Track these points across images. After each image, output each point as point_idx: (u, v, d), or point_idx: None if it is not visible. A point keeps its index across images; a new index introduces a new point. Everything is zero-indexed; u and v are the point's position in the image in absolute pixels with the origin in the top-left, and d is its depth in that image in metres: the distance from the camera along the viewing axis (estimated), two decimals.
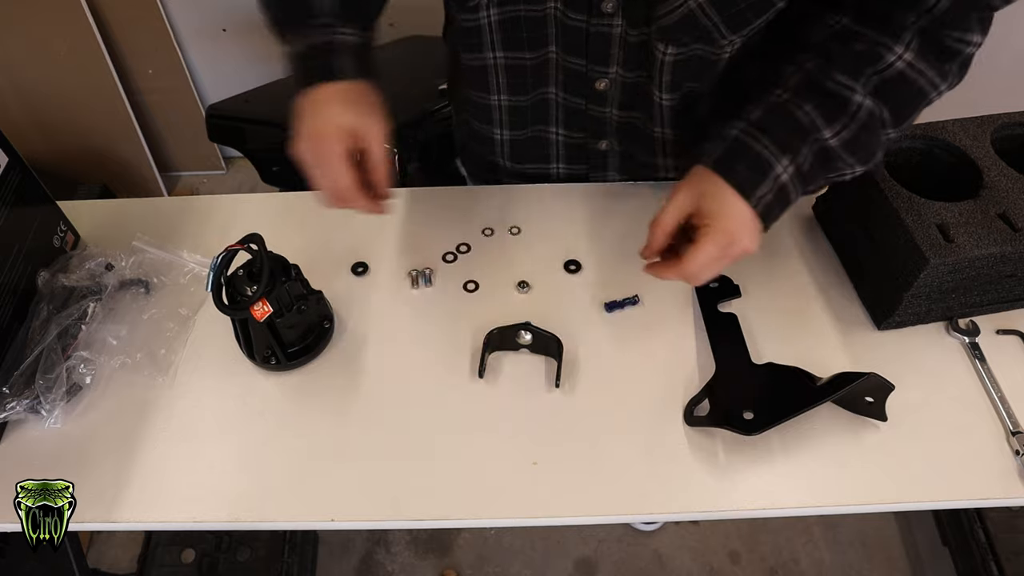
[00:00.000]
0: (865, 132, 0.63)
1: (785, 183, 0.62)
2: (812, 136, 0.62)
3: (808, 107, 0.62)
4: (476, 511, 0.61)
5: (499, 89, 0.78)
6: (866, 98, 0.62)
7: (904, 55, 0.61)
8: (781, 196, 0.62)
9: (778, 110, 0.63)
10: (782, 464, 0.63)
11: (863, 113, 0.62)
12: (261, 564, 1.26)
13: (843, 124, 0.62)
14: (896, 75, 0.61)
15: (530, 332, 0.70)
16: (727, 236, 0.59)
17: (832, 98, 0.62)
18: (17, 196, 0.71)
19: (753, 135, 0.62)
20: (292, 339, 0.70)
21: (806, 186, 0.64)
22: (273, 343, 0.68)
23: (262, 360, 0.70)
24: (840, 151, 0.63)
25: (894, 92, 0.62)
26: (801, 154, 0.62)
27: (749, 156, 0.62)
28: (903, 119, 0.64)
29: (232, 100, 1.55)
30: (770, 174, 0.61)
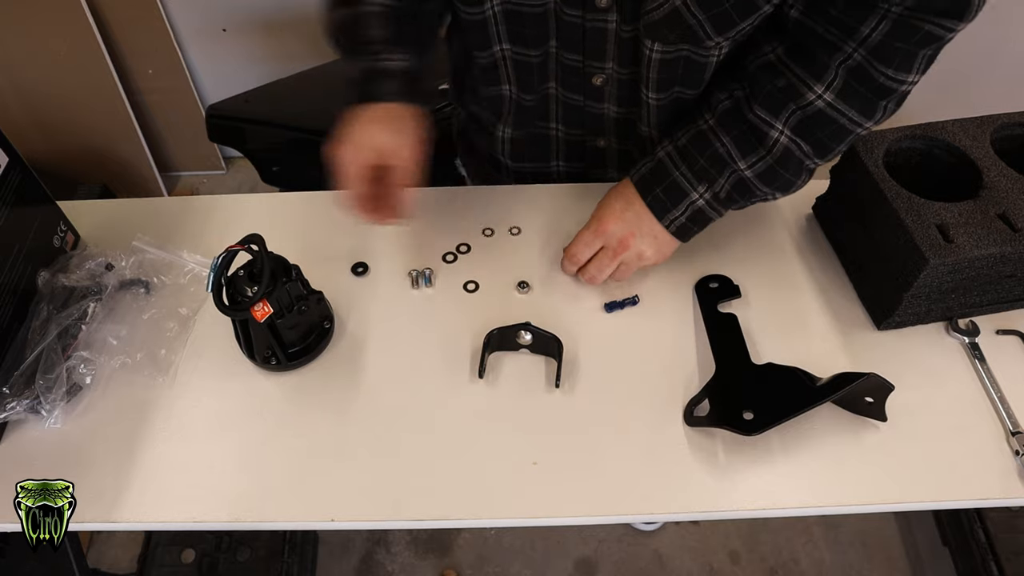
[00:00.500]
0: (781, 165, 0.67)
1: (700, 207, 0.70)
2: (729, 167, 0.68)
3: (727, 139, 0.68)
4: (476, 511, 0.61)
5: (510, 81, 0.78)
6: (783, 134, 0.66)
7: (824, 95, 0.63)
8: (697, 217, 0.70)
9: (700, 139, 0.69)
10: (782, 464, 0.63)
11: (778, 149, 0.66)
12: (261, 564, 1.26)
13: (759, 156, 0.67)
14: (816, 113, 0.64)
15: (530, 332, 0.70)
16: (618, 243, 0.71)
17: (752, 131, 0.67)
18: (17, 196, 0.71)
19: (675, 161, 0.70)
20: (292, 339, 0.69)
21: (727, 208, 0.71)
22: (273, 343, 0.68)
23: (262, 360, 0.70)
24: (755, 181, 0.68)
25: (814, 128, 0.65)
26: (718, 183, 0.68)
27: (667, 181, 0.70)
28: (826, 152, 0.67)
29: (232, 100, 1.55)
30: (684, 200, 0.70)
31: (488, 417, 0.67)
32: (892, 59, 0.59)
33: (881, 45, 0.59)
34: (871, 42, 0.59)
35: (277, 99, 1.57)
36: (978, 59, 2.05)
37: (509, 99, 0.80)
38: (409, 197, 0.69)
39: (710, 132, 0.69)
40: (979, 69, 2.07)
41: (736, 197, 0.69)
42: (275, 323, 0.66)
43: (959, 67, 2.09)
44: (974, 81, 2.10)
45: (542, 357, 0.72)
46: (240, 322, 0.68)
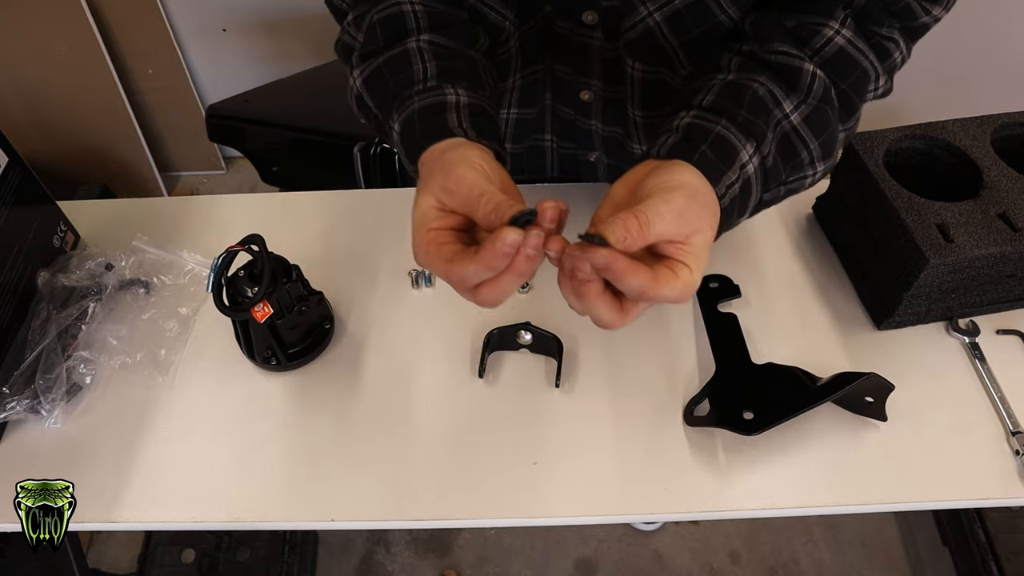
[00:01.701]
0: (824, 108, 0.55)
1: (750, 176, 0.52)
2: (774, 116, 0.53)
3: (762, 78, 0.54)
4: (476, 511, 0.61)
5: (510, 104, 0.78)
6: (816, 69, 0.55)
7: (842, 31, 0.55)
8: (744, 192, 0.52)
9: (731, 89, 0.54)
10: (782, 464, 0.63)
11: (818, 85, 0.54)
12: (261, 564, 1.26)
13: (800, 97, 0.55)
14: (838, 51, 0.55)
15: (530, 332, 0.70)
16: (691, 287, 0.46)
17: (782, 69, 0.55)
18: (17, 196, 0.71)
19: (709, 119, 0.52)
20: (293, 340, 0.69)
21: (767, 186, 0.55)
22: (273, 344, 0.68)
23: (262, 361, 0.70)
24: (803, 131, 0.55)
25: (840, 70, 0.56)
26: (766, 142, 0.53)
27: (710, 138, 0.50)
28: (850, 111, 0.58)
29: (232, 100, 1.55)
30: (736, 160, 0.50)
31: (488, 417, 0.67)
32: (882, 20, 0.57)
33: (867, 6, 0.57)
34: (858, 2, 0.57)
35: (277, 99, 1.57)
36: (978, 59, 2.05)
37: (506, 121, 0.80)
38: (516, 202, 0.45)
39: (742, 80, 0.54)
40: (979, 69, 2.07)
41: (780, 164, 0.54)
42: (275, 324, 0.66)
43: (959, 67, 2.09)
44: (974, 81, 2.10)
45: (542, 357, 0.72)
46: (240, 322, 0.68)
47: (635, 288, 0.43)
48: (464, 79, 0.57)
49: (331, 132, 1.42)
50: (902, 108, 2.17)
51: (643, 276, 0.43)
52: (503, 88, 0.75)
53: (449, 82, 0.56)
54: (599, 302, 0.44)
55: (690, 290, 0.45)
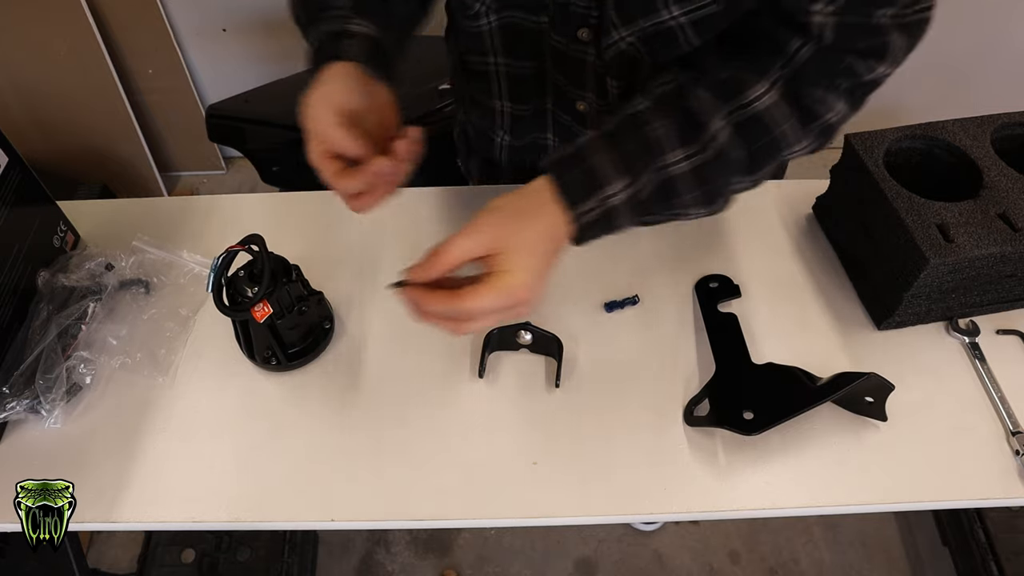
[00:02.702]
0: (713, 168, 0.58)
1: (614, 207, 0.56)
2: (658, 159, 0.57)
3: (664, 121, 0.58)
4: (476, 511, 0.61)
5: (501, 95, 0.79)
6: (723, 130, 0.57)
7: (766, 95, 0.57)
8: (606, 219, 0.57)
9: (632, 122, 0.58)
10: (782, 464, 0.63)
11: (715, 145, 0.57)
12: (261, 564, 1.26)
13: (694, 150, 0.57)
14: (753, 116, 0.58)
15: (530, 332, 0.70)
16: (513, 296, 0.52)
17: (690, 119, 0.58)
18: (17, 196, 0.71)
19: (596, 145, 0.57)
20: (293, 340, 0.69)
21: (640, 215, 0.58)
22: (273, 344, 0.68)
23: (262, 361, 0.70)
24: (686, 180, 0.58)
25: (753, 134, 0.58)
26: (641, 180, 0.56)
27: (584, 165, 0.56)
28: (757, 168, 0.60)
29: (232, 100, 1.55)
30: (600, 192, 0.56)
31: (488, 417, 0.67)
32: (819, 81, 0.57)
33: (807, 65, 0.57)
34: (799, 59, 0.57)
35: (277, 99, 1.57)
36: (978, 59, 2.05)
37: (500, 112, 0.81)
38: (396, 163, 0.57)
39: (643, 115, 0.58)
40: (979, 69, 2.07)
41: (656, 203, 0.59)
42: (275, 324, 0.66)
43: (959, 67, 2.09)
44: (974, 81, 2.11)
45: (542, 357, 0.72)
46: (240, 322, 0.68)
47: (440, 311, 0.52)
48: (375, 13, 0.63)
49: None
50: (902, 108, 2.17)
51: (440, 299, 0.52)
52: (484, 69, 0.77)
53: (359, 14, 0.62)
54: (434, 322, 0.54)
55: (516, 291, 0.52)
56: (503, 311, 0.53)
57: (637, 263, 0.80)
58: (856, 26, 0.54)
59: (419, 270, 0.53)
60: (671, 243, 0.81)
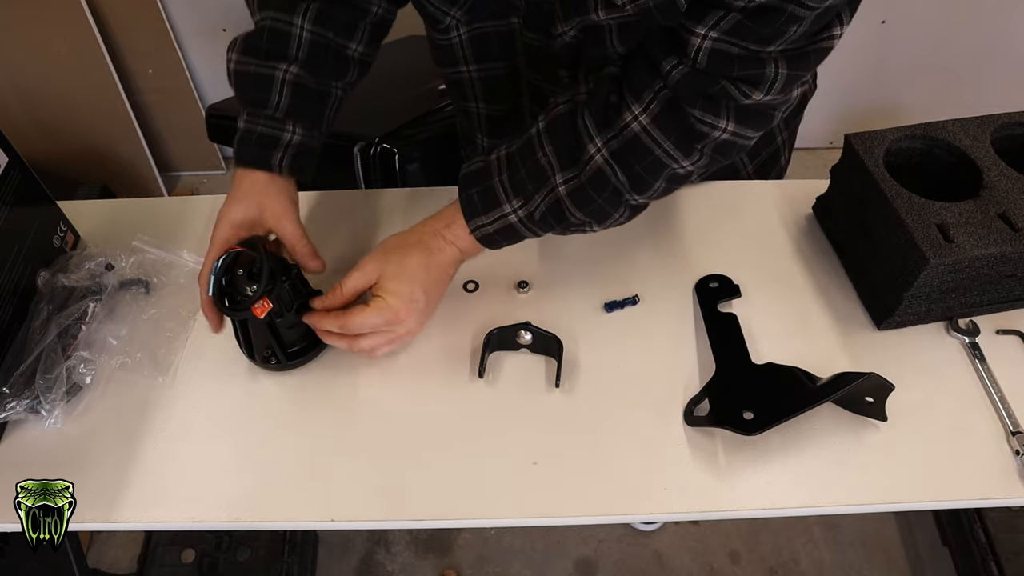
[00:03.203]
0: (593, 188, 0.61)
1: (512, 223, 0.64)
2: (548, 183, 0.62)
3: (550, 148, 0.62)
4: (476, 511, 0.61)
5: (476, 98, 0.81)
6: (600, 153, 0.60)
7: (640, 117, 0.58)
8: (506, 231, 0.65)
9: (527, 147, 0.64)
10: (782, 464, 0.63)
11: (591, 168, 0.60)
12: (261, 564, 1.26)
13: (574, 173, 0.62)
14: (632, 138, 0.59)
15: (530, 332, 0.70)
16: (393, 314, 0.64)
17: (575, 142, 0.61)
18: (17, 196, 0.71)
19: (499, 167, 0.65)
20: (292, 339, 0.69)
21: (541, 230, 0.66)
22: (273, 343, 0.68)
23: (262, 360, 0.69)
24: (568, 202, 0.62)
25: (631, 157, 0.60)
26: (533, 201, 0.63)
27: (485, 184, 0.65)
28: (644, 187, 0.62)
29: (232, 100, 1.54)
30: (495, 211, 0.64)
31: (488, 417, 0.67)
32: (695, 102, 0.57)
33: (681, 86, 0.56)
34: (672, 79, 0.56)
35: None
36: (978, 59, 2.05)
37: (477, 115, 0.83)
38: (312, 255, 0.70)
39: (537, 138, 0.63)
40: (979, 69, 2.07)
41: (552, 221, 0.64)
42: (275, 322, 0.66)
43: (959, 67, 2.09)
44: (974, 81, 2.11)
45: (542, 357, 0.72)
46: (240, 322, 0.68)
47: (331, 327, 0.66)
48: (306, 118, 0.69)
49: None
50: (902, 108, 2.17)
51: (331, 318, 0.65)
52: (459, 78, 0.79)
53: (294, 119, 0.68)
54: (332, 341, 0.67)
55: (392, 310, 0.64)
56: (385, 328, 0.65)
57: (637, 263, 0.80)
58: (734, 55, 0.52)
59: (320, 301, 0.67)
60: (671, 243, 0.81)
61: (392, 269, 0.65)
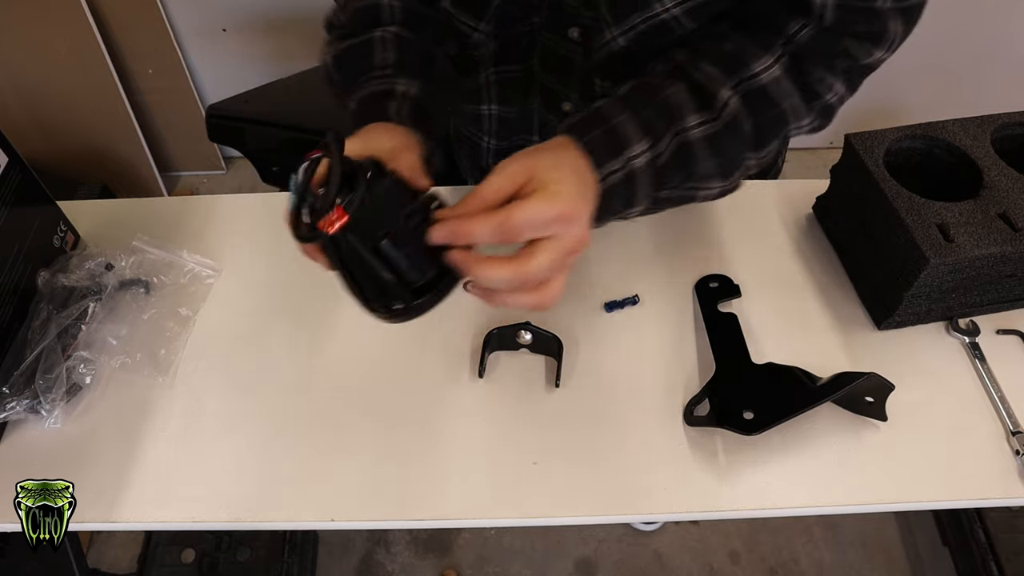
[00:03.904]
0: (728, 134, 0.57)
1: (636, 169, 0.55)
2: (676, 123, 0.56)
3: (678, 87, 0.57)
4: (476, 511, 0.61)
5: (490, 100, 0.80)
6: (732, 97, 0.57)
7: (772, 68, 0.58)
8: (628, 184, 0.55)
9: (646, 87, 0.58)
10: (782, 464, 0.63)
11: (728, 113, 0.57)
12: (261, 564, 1.26)
13: (708, 116, 0.57)
14: (759, 88, 0.57)
15: (530, 332, 0.70)
16: (564, 206, 0.48)
17: (700, 88, 0.57)
18: (17, 196, 0.71)
19: (615, 108, 0.56)
20: (413, 266, 0.51)
21: (659, 184, 0.57)
22: (385, 277, 0.50)
23: (381, 306, 0.52)
24: (702, 147, 0.57)
25: (759, 104, 0.58)
26: (662, 143, 0.55)
27: (607, 125, 0.55)
28: (763, 143, 0.60)
29: (232, 100, 1.55)
30: (624, 151, 0.54)
31: (488, 417, 0.67)
32: (818, 60, 0.58)
33: (807, 45, 0.58)
34: (800, 39, 0.58)
35: (277, 99, 1.57)
36: (978, 59, 2.05)
37: (488, 116, 0.82)
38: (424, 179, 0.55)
39: (655, 82, 0.57)
40: (979, 69, 2.07)
41: (673, 172, 0.57)
42: (379, 246, 0.48)
43: (959, 67, 2.09)
44: (974, 81, 2.11)
45: (542, 357, 0.72)
46: (341, 259, 0.51)
47: (488, 228, 0.47)
48: (418, 73, 0.63)
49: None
50: (902, 108, 2.17)
51: (479, 221, 0.48)
52: (476, 84, 0.78)
53: (403, 74, 0.62)
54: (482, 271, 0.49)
55: (565, 200, 0.48)
56: (557, 230, 0.47)
57: (637, 263, 0.80)
58: (856, 10, 0.55)
59: (451, 210, 0.50)
60: (671, 243, 0.81)
61: (549, 161, 0.51)
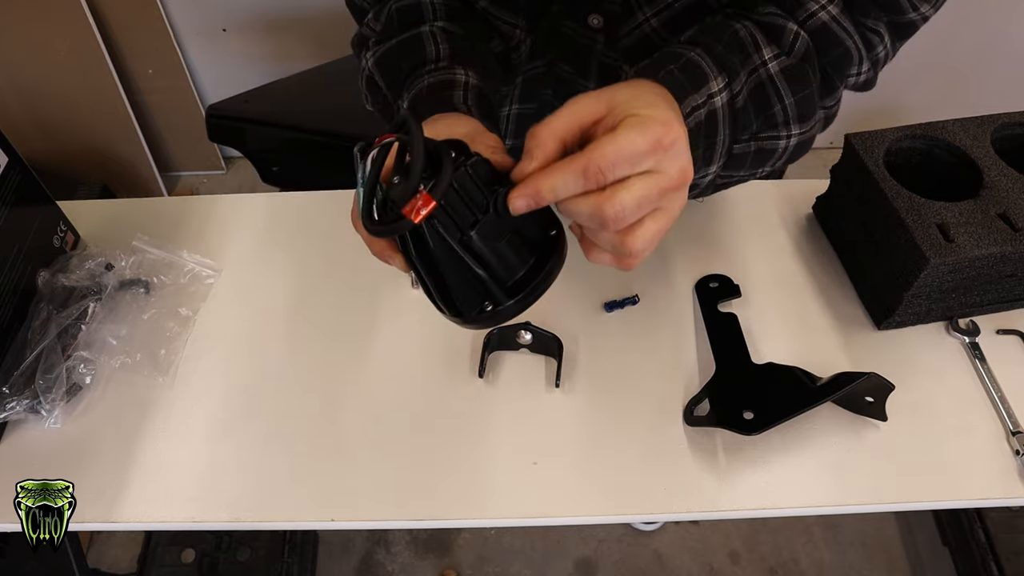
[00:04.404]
0: (802, 70, 0.54)
1: (717, 109, 0.50)
2: (752, 59, 0.52)
3: (746, 23, 0.53)
4: (476, 511, 0.61)
5: (512, 102, 0.79)
6: (800, 33, 0.54)
7: (828, 7, 0.54)
8: (711, 124, 0.50)
9: (713, 26, 0.53)
10: (782, 464, 0.63)
11: (800, 43, 0.53)
12: (261, 564, 1.26)
13: (781, 49, 0.53)
14: (821, 26, 0.54)
15: (530, 332, 0.70)
16: (661, 129, 0.40)
17: (767, 24, 0.54)
18: (17, 196, 0.71)
19: (684, 47, 0.51)
20: (507, 262, 0.45)
21: (736, 133, 0.53)
22: (476, 273, 0.44)
23: (476, 313, 0.46)
24: (779, 82, 0.53)
25: (824, 44, 0.55)
26: (738, 80, 0.51)
27: (681, 61, 0.49)
28: (832, 87, 0.57)
29: (232, 100, 1.55)
30: (704, 86, 0.49)
31: (488, 417, 0.67)
32: (868, 10, 0.56)
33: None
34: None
35: (277, 99, 1.57)
36: (978, 59, 2.05)
37: (507, 116, 0.81)
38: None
39: (725, 21, 0.53)
40: (979, 69, 2.07)
41: (751, 113, 0.53)
42: (470, 238, 0.42)
43: (959, 67, 2.09)
44: (974, 81, 2.10)
45: (542, 357, 0.72)
46: (420, 257, 0.45)
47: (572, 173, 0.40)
48: (474, 63, 0.59)
49: (331, 132, 1.42)
50: (902, 108, 2.17)
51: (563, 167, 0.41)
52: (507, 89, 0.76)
53: (460, 64, 0.57)
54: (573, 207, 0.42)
55: (660, 122, 0.40)
56: (650, 158, 0.40)
57: None
58: None
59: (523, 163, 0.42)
60: (671, 243, 0.81)
61: (627, 91, 0.43)
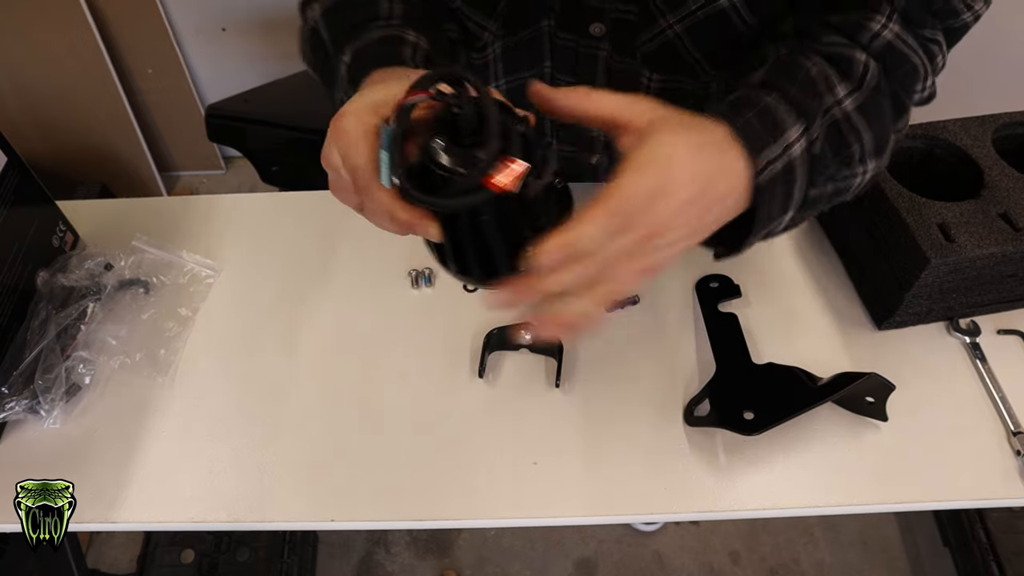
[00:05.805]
0: (876, 101, 0.51)
1: (795, 159, 0.47)
2: (825, 100, 0.50)
3: (816, 59, 0.51)
4: (476, 511, 0.61)
5: None
6: (868, 60, 0.52)
7: (890, 25, 0.52)
8: (788, 176, 0.47)
9: (783, 66, 0.50)
10: (782, 464, 0.63)
11: (871, 74, 0.51)
12: (261, 564, 1.26)
13: (854, 85, 0.51)
14: (886, 45, 0.52)
15: (530, 332, 0.70)
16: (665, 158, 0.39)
17: (835, 57, 0.51)
18: (16, 196, 0.71)
19: (758, 92, 0.48)
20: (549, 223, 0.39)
21: (813, 179, 0.49)
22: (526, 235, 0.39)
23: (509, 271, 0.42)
24: (856, 120, 0.50)
25: (891, 65, 0.53)
26: (815, 125, 0.48)
27: (757, 108, 0.46)
28: (902, 108, 0.55)
29: (232, 100, 1.55)
30: (781, 137, 0.46)
31: (488, 417, 0.67)
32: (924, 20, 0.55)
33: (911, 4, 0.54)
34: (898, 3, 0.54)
35: (277, 99, 1.57)
36: (978, 59, 2.04)
37: None
38: None
39: (795, 58, 0.51)
40: (979, 69, 2.07)
41: (828, 154, 0.49)
42: (530, 196, 0.37)
43: (959, 67, 2.09)
44: (974, 81, 2.10)
45: (542, 357, 0.71)
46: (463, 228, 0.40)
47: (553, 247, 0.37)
48: (427, 31, 0.56)
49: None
50: None
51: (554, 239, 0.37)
52: None
53: (412, 28, 0.55)
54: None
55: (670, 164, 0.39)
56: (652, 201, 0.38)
57: None
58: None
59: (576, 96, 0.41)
60: None
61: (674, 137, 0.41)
